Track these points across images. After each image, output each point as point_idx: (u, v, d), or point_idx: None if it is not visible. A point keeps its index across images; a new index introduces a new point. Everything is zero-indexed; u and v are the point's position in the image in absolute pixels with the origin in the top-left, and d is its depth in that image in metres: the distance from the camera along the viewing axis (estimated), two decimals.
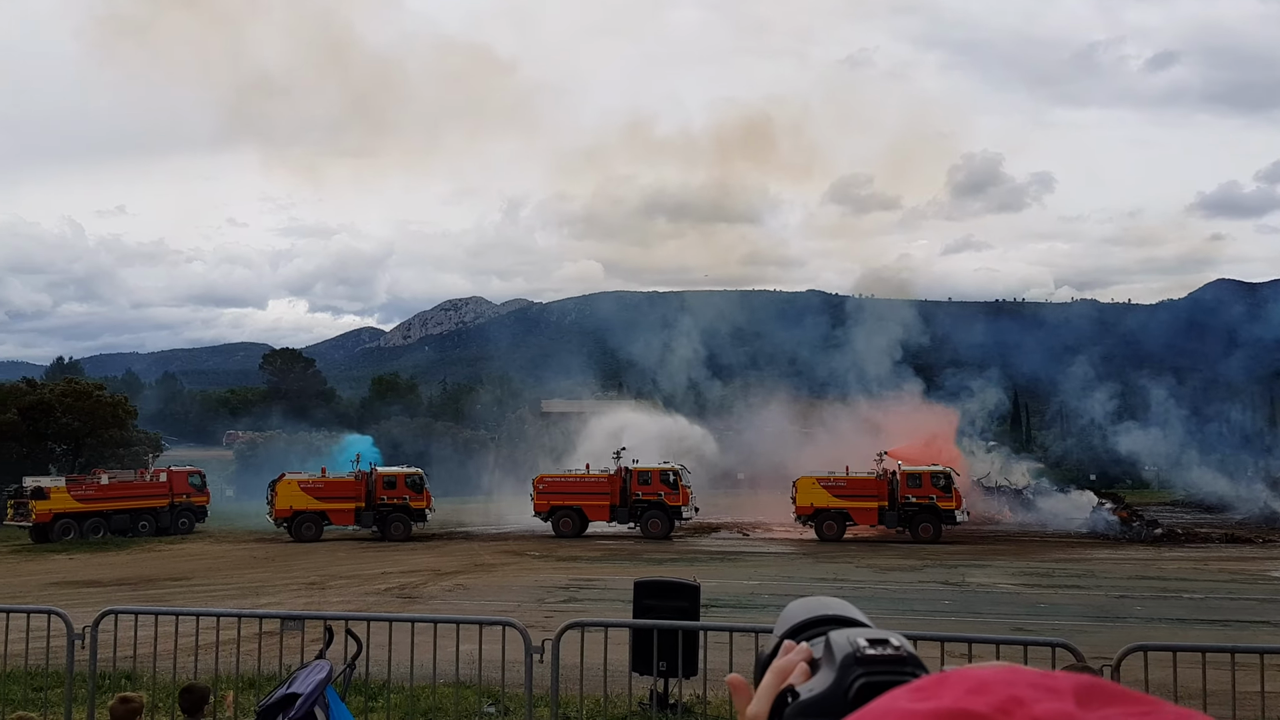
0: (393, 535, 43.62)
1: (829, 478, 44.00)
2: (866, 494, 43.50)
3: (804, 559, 36.72)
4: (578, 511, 44.67)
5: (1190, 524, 51.10)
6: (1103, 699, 0.85)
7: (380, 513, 44.30)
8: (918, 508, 43.06)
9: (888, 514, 43.35)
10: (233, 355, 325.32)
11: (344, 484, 44.65)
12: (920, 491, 43.08)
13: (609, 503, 44.53)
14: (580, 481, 45.16)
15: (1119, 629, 20.75)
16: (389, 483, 44.73)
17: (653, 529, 43.69)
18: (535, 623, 18.75)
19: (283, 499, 43.84)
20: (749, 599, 24.68)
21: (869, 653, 1.01)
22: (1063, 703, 0.83)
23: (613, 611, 19.74)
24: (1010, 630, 18.99)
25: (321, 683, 7.08)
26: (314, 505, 43.87)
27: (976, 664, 0.92)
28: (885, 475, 44.15)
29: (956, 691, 0.85)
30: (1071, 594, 27.50)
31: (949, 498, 42.96)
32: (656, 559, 35.48)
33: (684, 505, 44.28)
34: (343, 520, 44.26)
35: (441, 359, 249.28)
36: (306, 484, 44.37)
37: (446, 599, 25.51)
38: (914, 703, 0.86)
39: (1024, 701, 0.83)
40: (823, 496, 43.64)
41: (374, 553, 38.16)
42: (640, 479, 44.50)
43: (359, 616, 10.40)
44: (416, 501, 44.65)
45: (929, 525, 42.80)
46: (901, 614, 22.37)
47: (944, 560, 35.51)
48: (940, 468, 44.41)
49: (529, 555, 37.28)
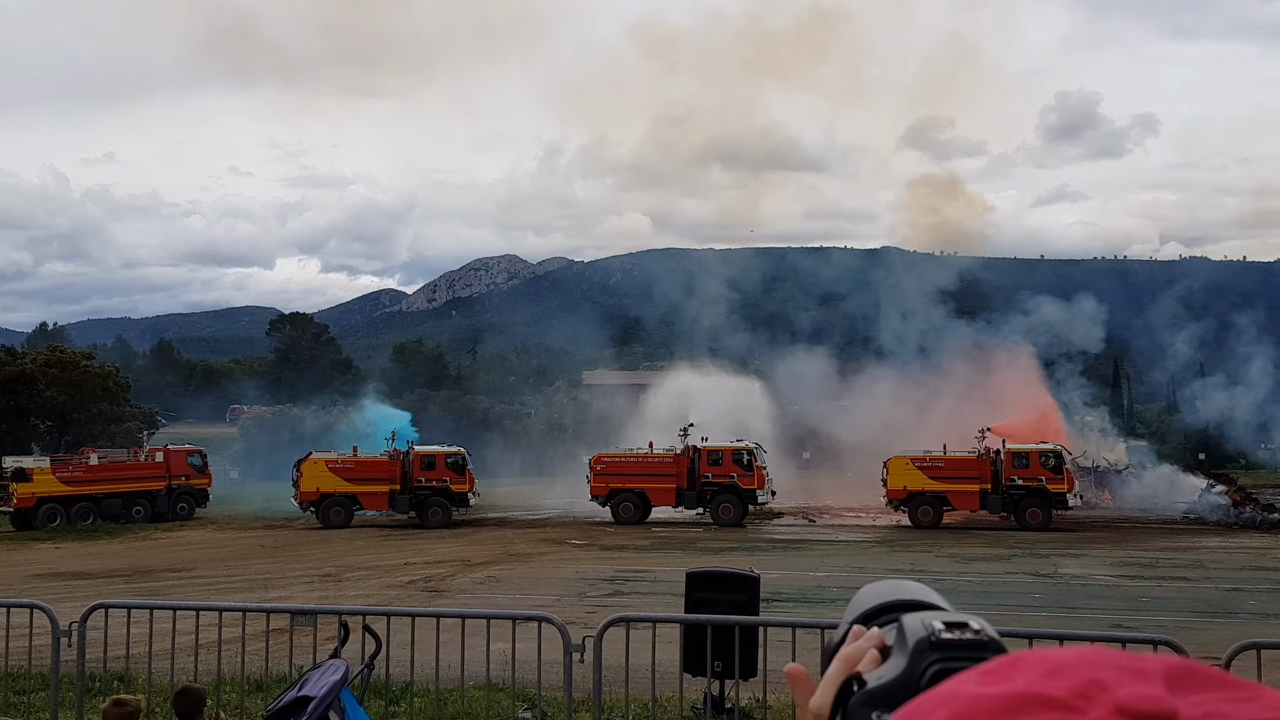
0: (430, 521, 43.99)
1: (924, 457, 43.73)
2: (966, 475, 43.17)
3: (877, 548, 36.65)
4: (640, 495, 44.63)
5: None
6: (1197, 683, 0.83)
7: (417, 496, 44.69)
8: (1024, 491, 42.67)
9: (990, 498, 42.99)
10: (236, 321, 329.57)
11: (377, 464, 45.04)
12: (1027, 473, 42.68)
13: (675, 485, 44.45)
14: (643, 462, 45.09)
15: (1230, 625, 20.54)
16: (427, 463, 45.05)
17: (724, 515, 43.54)
18: (576, 618, 18.87)
19: (308, 480, 44.33)
20: (815, 592, 24.67)
21: (945, 637, 0.99)
22: (1151, 687, 0.82)
23: (662, 606, 19.81)
24: (1108, 626, 18.86)
25: (336, 685, 7.13)
26: (343, 487, 44.35)
27: (1056, 646, 0.88)
28: (988, 455, 43.73)
29: (1031, 675, 0.84)
30: (1177, 586, 27.23)
31: (1060, 479, 42.41)
32: (712, 548, 35.54)
33: (759, 488, 44.10)
34: (375, 504, 44.71)
35: (471, 325, 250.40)
36: (335, 464, 44.85)
37: (477, 592, 25.70)
38: (983, 686, 0.85)
39: (1106, 685, 0.81)
40: (917, 478, 43.38)
41: (396, 541, 38.52)
42: (710, 459, 44.32)
43: (379, 611, 10.50)
44: (458, 484, 44.92)
45: (1037, 510, 42.33)
46: (987, 608, 22.22)
47: (1034, 549, 35.29)
48: (1050, 446, 43.94)
49: (569, 544, 37.49)
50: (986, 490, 43.09)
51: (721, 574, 12.73)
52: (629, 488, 44.61)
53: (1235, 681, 0.85)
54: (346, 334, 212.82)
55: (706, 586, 12.17)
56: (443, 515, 44.35)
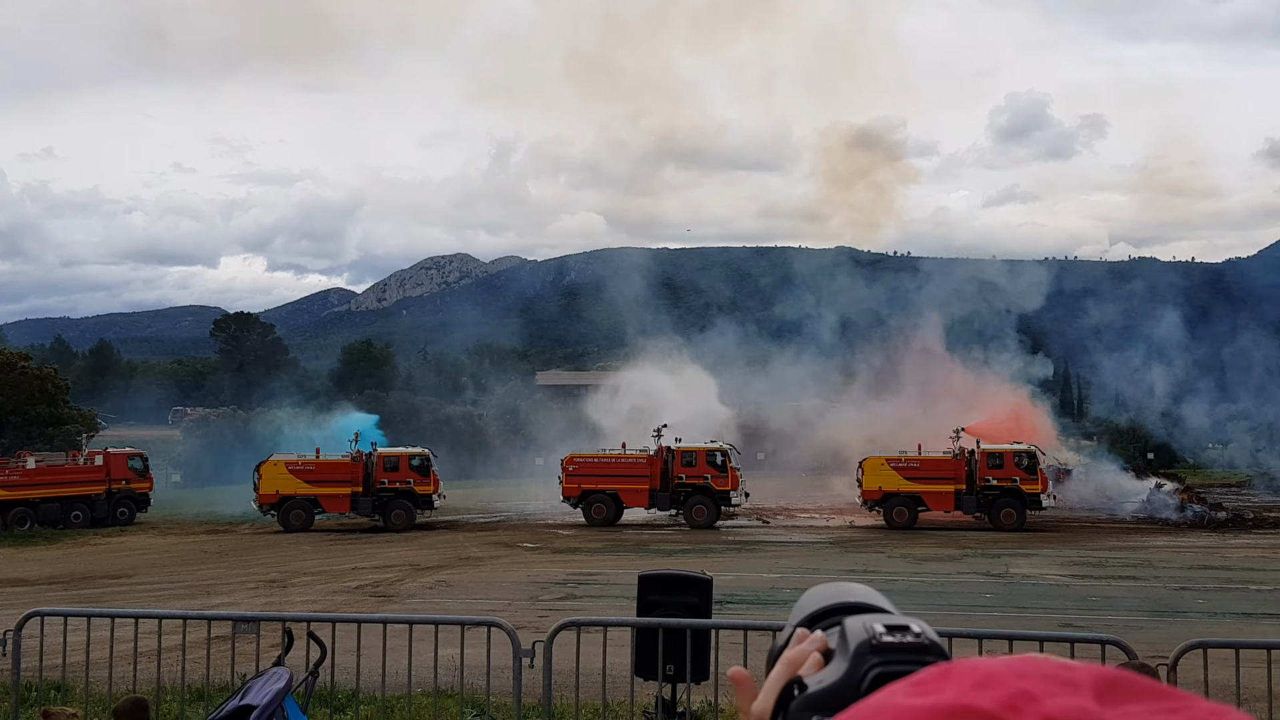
0: (394, 524, 43.72)
1: (899, 458, 43.93)
2: (942, 476, 43.43)
3: (831, 549, 36.87)
4: (612, 496, 44.56)
5: (1259, 507, 51.27)
6: (1126, 694, 0.83)
7: (380, 499, 44.49)
8: (999, 491, 43.02)
9: (965, 498, 43.28)
10: (179, 320, 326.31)
11: (338, 466, 44.72)
12: (1002, 473, 43.01)
13: (648, 487, 44.45)
14: (616, 463, 44.99)
15: (1178, 624, 20.85)
16: (390, 465, 44.82)
17: (697, 516, 43.64)
18: (527, 623, 18.83)
19: (268, 483, 43.91)
20: (769, 594, 24.77)
21: (886, 640, 1.00)
22: (1079, 698, 0.82)
23: (615, 609, 19.80)
24: (1058, 626, 19.09)
25: (280, 693, 7.05)
26: (304, 490, 43.96)
27: (990, 655, 0.88)
28: (963, 455, 44.05)
29: (961, 685, 0.84)
30: (1126, 586, 27.62)
31: (1034, 480, 42.83)
32: (665, 550, 35.65)
33: (733, 490, 44.20)
34: (337, 507, 44.41)
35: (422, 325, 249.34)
36: (295, 466, 44.48)
37: (426, 597, 25.61)
38: (913, 698, 0.86)
39: (1035, 696, 0.81)
40: (892, 479, 43.57)
41: (344, 546, 38.30)
42: (684, 460, 44.37)
43: (324, 618, 10.41)
44: (422, 486, 44.66)
45: (1011, 510, 42.71)
46: (938, 609, 22.45)
47: (986, 549, 35.67)
48: (1024, 446, 44.28)
49: (521, 547, 37.42)
50: (961, 491, 43.38)
51: (674, 576, 12.70)
52: (601, 489, 44.53)
53: (1165, 691, 0.84)
54: (293, 334, 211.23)
55: (659, 589, 12.13)
56: (406, 518, 44.12)
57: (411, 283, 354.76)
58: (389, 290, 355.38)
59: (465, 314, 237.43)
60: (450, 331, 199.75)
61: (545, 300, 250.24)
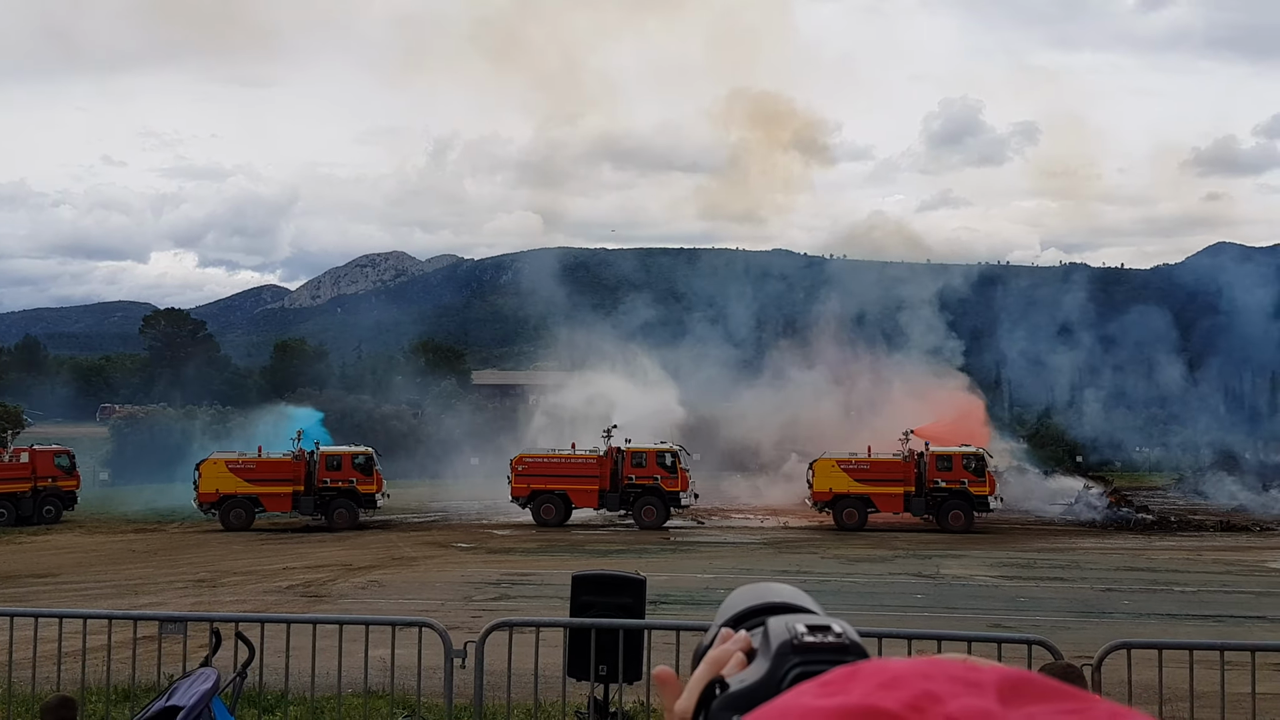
0: (337, 523, 43.36)
1: (850, 459, 44.13)
2: (891, 478, 43.67)
3: (765, 549, 37.10)
4: (562, 496, 44.47)
5: (1184, 510, 52.31)
6: (1029, 695, 0.84)
7: (323, 498, 44.13)
8: (947, 493, 43.37)
9: (914, 500, 43.55)
10: (108, 316, 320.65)
11: (280, 465, 44.30)
12: (950, 475, 43.34)
13: (598, 487, 44.41)
14: (566, 463, 44.89)
15: (1104, 625, 21.20)
16: (333, 463, 44.49)
17: (646, 517, 43.66)
18: (460, 623, 18.76)
19: (208, 481, 43.41)
20: (702, 594, 24.84)
21: (807, 640, 1.01)
22: (983, 699, 0.83)
23: (549, 609, 19.79)
24: (986, 626, 19.35)
25: (207, 694, 6.99)
26: (244, 489, 43.51)
27: (898, 656, 0.88)
28: (912, 457, 44.29)
29: (867, 686, 0.85)
30: (1054, 587, 28.06)
31: (982, 482, 43.22)
32: (600, 550, 35.66)
33: (682, 490, 44.25)
34: (278, 506, 43.98)
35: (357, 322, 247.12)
36: (236, 465, 43.98)
37: (359, 597, 25.42)
38: (819, 698, 0.86)
39: (939, 697, 0.83)
40: (843, 480, 43.76)
41: (275, 545, 37.92)
42: (634, 460, 44.39)
43: (253, 618, 10.31)
44: (365, 485, 44.32)
45: (959, 512, 43.09)
46: (870, 609, 22.66)
47: (918, 550, 36.06)
48: (973, 449, 44.72)
49: (455, 547, 37.25)
50: (910, 493, 43.63)
51: (608, 577, 12.72)
52: (551, 489, 44.41)
53: (1069, 692, 0.85)
54: (225, 331, 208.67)
55: (592, 590, 12.14)
56: (349, 517, 43.79)
57: (346, 280, 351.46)
58: (323, 288, 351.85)
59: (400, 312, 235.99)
60: (385, 330, 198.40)
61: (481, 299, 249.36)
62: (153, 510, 48.37)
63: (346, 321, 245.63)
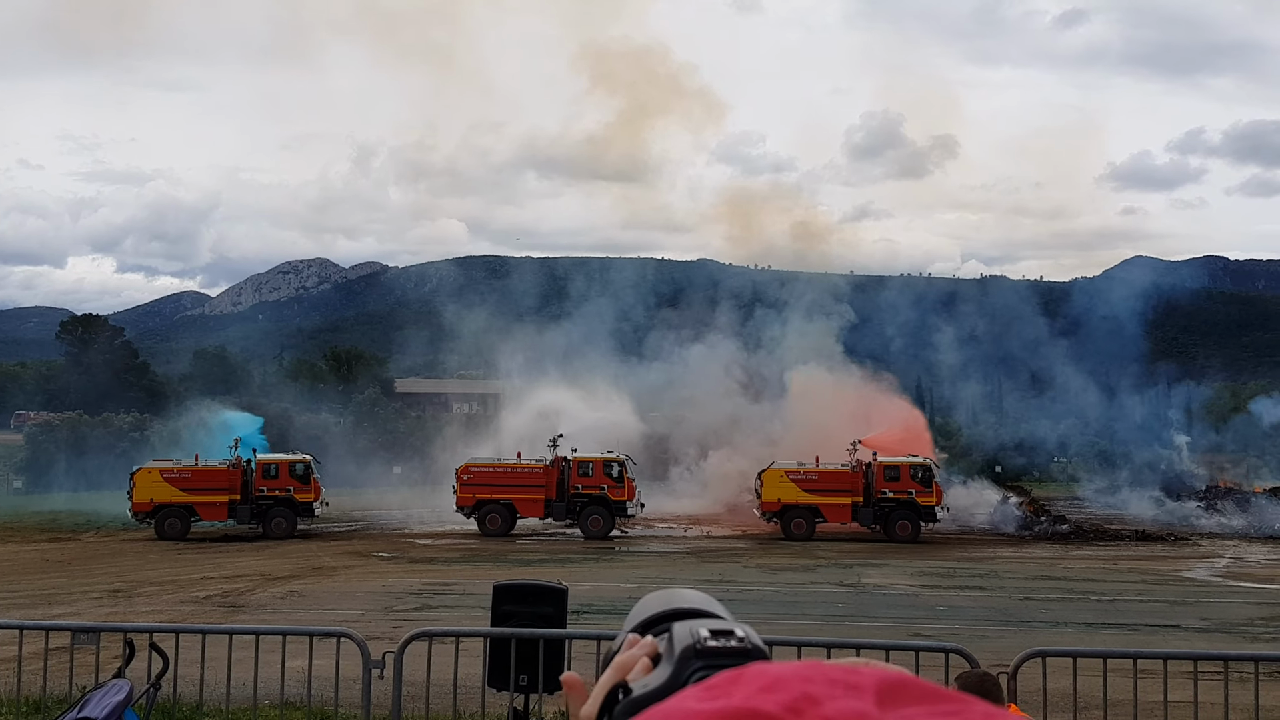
0: (274, 532, 42.84)
1: (798, 470, 44.11)
2: (839, 488, 43.70)
3: (688, 559, 37.19)
4: (508, 506, 44.20)
5: (1099, 520, 53.21)
6: (907, 697, 0.86)
7: (259, 506, 43.60)
8: (895, 504, 43.50)
9: (862, 510, 43.59)
10: (24, 322, 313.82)
11: (215, 473, 43.70)
12: (898, 486, 43.49)
13: (544, 496, 44.19)
14: (512, 472, 44.60)
15: (1021, 633, 21.49)
16: (269, 471, 43.95)
17: (593, 527, 43.56)
18: (380, 633, 18.62)
19: (141, 491, 42.66)
20: (625, 604, 24.65)
21: (710, 644, 1.03)
22: (860, 701, 0.85)
23: (470, 620, 19.66)
24: (906, 635, 19.56)
25: (119, 705, 6.88)
26: (179, 498, 42.83)
27: (782, 661, 0.91)
28: (860, 467, 44.39)
29: (748, 689, 0.86)
30: (973, 595, 28.41)
31: (929, 493, 43.43)
32: (523, 560, 35.57)
33: (629, 500, 44.22)
34: (214, 515, 43.34)
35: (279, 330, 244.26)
36: (170, 473, 43.30)
37: (277, 608, 25.09)
38: (702, 702, 0.87)
39: (818, 699, 0.84)
40: (791, 491, 43.75)
41: (193, 555, 37.34)
42: (580, 470, 44.26)
43: (167, 628, 10.15)
44: (303, 493, 43.86)
45: (906, 523, 43.23)
46: (791, 618, 22.83)
47: (839, 560, 36.37)
48: (920, 459, 44.90)
49: (376, 556, 36.92)
50: (859, 503, 43.71)
51: (529, 586, 12.70)
52: (496, 498, 44.12)
53: (947, 694, 0.87)
54: (144, 338, 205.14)
55: (514, 599, 12.11)
56: (287, 526, 43.30)
57: (268, 287, 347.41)
58: (244, 294, 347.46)
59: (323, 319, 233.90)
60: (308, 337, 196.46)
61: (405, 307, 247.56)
62: (68, 519, 47.39)
63: (268, 329, 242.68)
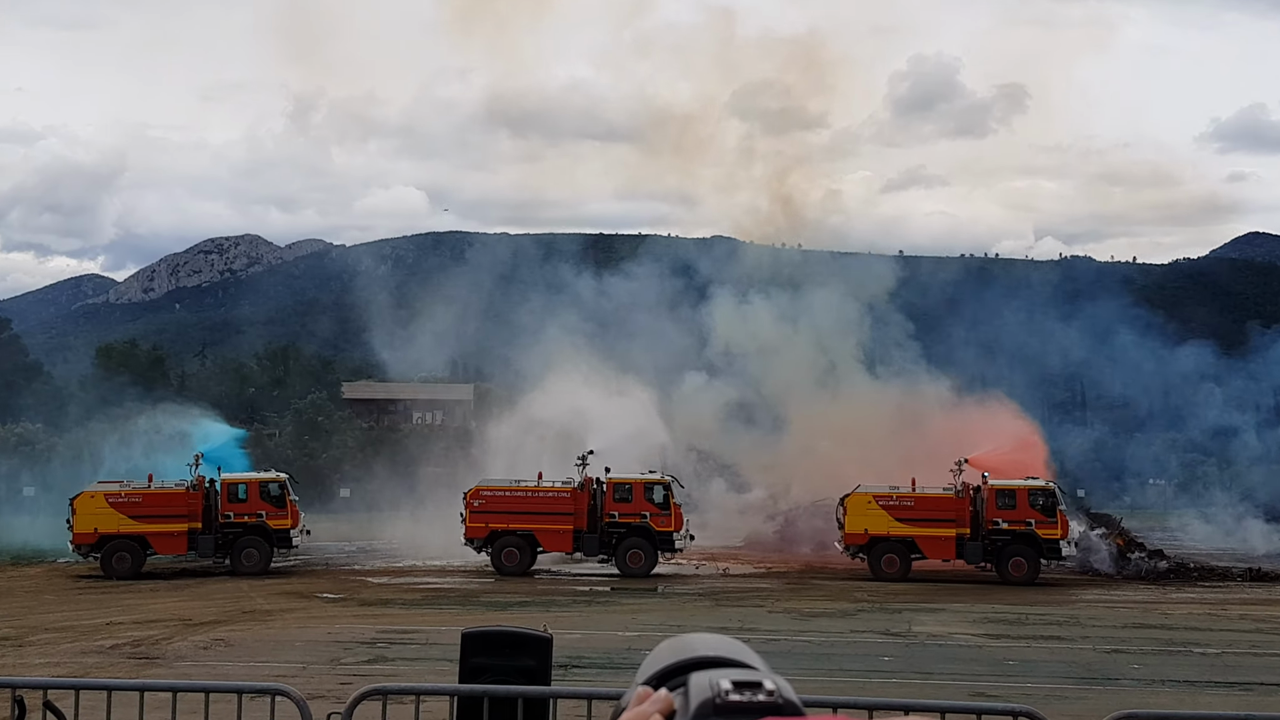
0: (244, 566, 42.88)
1: (890, 495, 43.64)
2: (941, 517, 43.27)
3: (700, 601, 37.22)
4: (527, 537, 43.75)
5: (1205, 556, 52.91)
6: None
7: (226, 536, 43.62)
8: (1009, 536, 43.04)
9: (969, 544, 43.14)
10: None
11: (171, 497, 43.39)
12: (1013, 515, 42.92)
13: (572, 526, 43.71)
14: (533, 497, 44.14)
15: (1110, 693, 21.48)
16: (235, 494, 44.04)
17: (633, 563, 43.14)
18: (324, 690, 18.68)
19: (83, 519, 42.42)
20: (623, 656, 24.83)
21: (732, 699, 1.04)
22: None
23: (434, 674, 19.72)
24: (967, 695, 19.52)
25: None
26: (130, 527, 42.61)
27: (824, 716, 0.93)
28: (966, 492, 43.98)
29: None
30: (1049, 648, 28.40)
31: (1052, 523, 42.78)
32: (499, 602, 35.54)
33: (676, 530, 43.69)
34: (171, 547, 43.41)
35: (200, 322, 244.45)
36: (118, 498, 43.00)
37: (199, 659, 25.15)
38: None
39: None
40: (881, 520, 43.23)
41: (97, 595, 37.41)
42: (617, 494, 43.79)
43: (65, 684, 10.19)
44: (277, 519, 43.87)
45: (1022, 560, 42.63)
46: (826, 673, 22.81)
47: (885, 603, 36.30)
48: (1041, 482, 44.55)
49: (320, 598, 36.95)
50: (964, 535, 43.26)
51: (505, 635, 12.73)
52: (514, 528, 43.60)
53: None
54: (35, 330, 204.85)
55: (487, 650, 12.14)
56: (259, 559, 43.36)
57: (186, 270, 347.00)
58: (158, 279, 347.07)
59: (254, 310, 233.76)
60: (236, 331, 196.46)
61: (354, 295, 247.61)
62: None
63: (187, 320, 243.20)
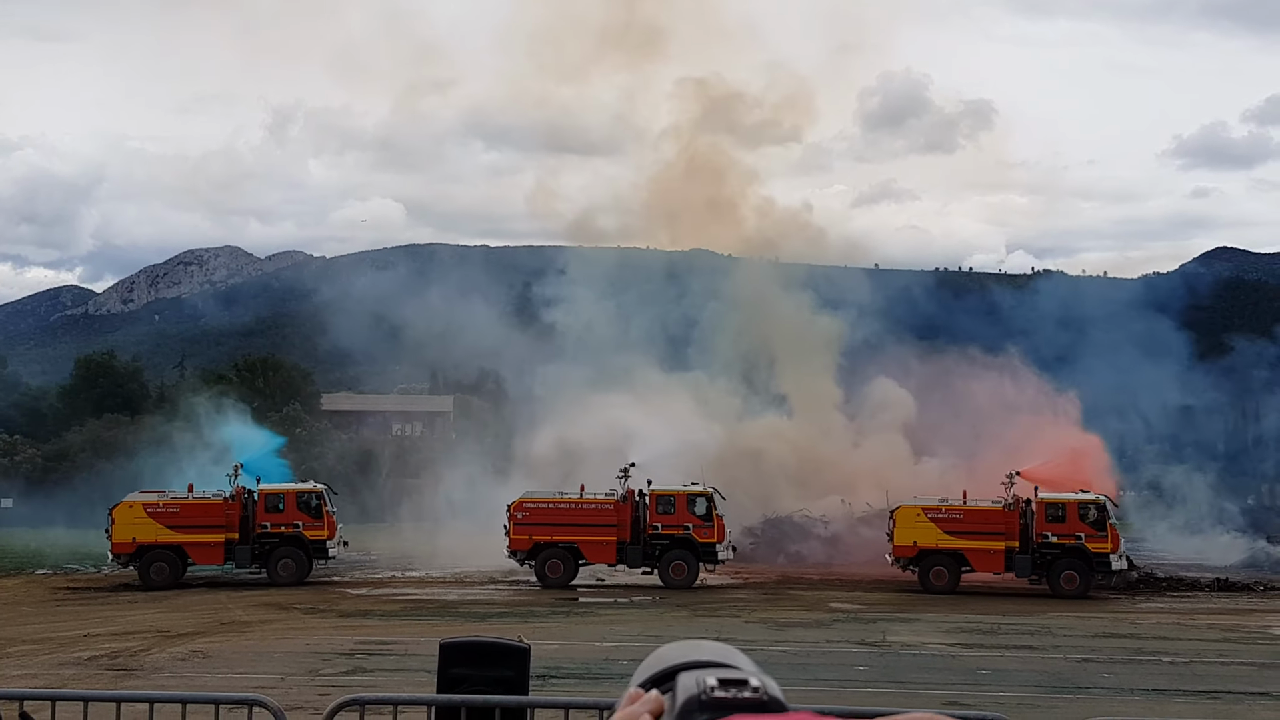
0: (281, 577, 42.94)
1: (939, 508, 43.69)
2: (990, 530, 43.17)
3: (677, 611, 37.20)
4: (571, 550, 43.85)
5: (1173, 566, 53.07)
6: None
7: (262, 546, 43.65)
8: (1060, 550, 42.94)
9: (1018, 558, 43.02)
10: None
11: (209, 507, 43.45)
12: (1063, 528, 42.80)
13: (616, 538, 43.83)
14: (577, 509, 44.25)
15: (1080, 701, 21.49)
16: (273, 504, 43.99)
17: (675, 574, 43.25)
18: (302, 702, 18.58)
19: (122, 529, 42.53)
20: (601, 666, 24.86)
21: (717, 695, 1.07)
22: None
23: (413, 685, 19.65)
24: (941, 704, 19.54)
25: None
26: (167, 537, 42.73)
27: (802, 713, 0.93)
28: (1016, 505, 43.97)
29: None
30: (1022, 657, 28.42)
31: (1102, 537, 42.61)
32: (477, 614, 35.50)
33: (719, 542, 43.84)
34: (208, 557, 43.55)
35: (178, 333, 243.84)
36: (157, 508, 43.08)
37: (177, 670, 25.02)
38: None
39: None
40: (930, 533, 43.19)
41: (74, 607, 37.32)
42: (660, 506, 43.93)
43: (41, 695, 10.15)
44: (314, 530, 43.90)
45: (1074, 574, 42.59)
46: (801, 682, 22.81)
47: (860, 613, 36.41)
48: (1092, 496, 44.05)
49: (298, 609, 36.85)
50: (1014, 549, 43.17)
51: (484, 645, 12.74)
52: (558, 541, 43.74)
53: None
54: (14, 342, 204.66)
55: (465, 660, 12.16)
56: (296, 569, 43.38)
57: (166, 281, 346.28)
58: (137, 290, 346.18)
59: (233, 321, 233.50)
60: (215, 342, 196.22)
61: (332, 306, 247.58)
62: None
63: (166, 332, 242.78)
